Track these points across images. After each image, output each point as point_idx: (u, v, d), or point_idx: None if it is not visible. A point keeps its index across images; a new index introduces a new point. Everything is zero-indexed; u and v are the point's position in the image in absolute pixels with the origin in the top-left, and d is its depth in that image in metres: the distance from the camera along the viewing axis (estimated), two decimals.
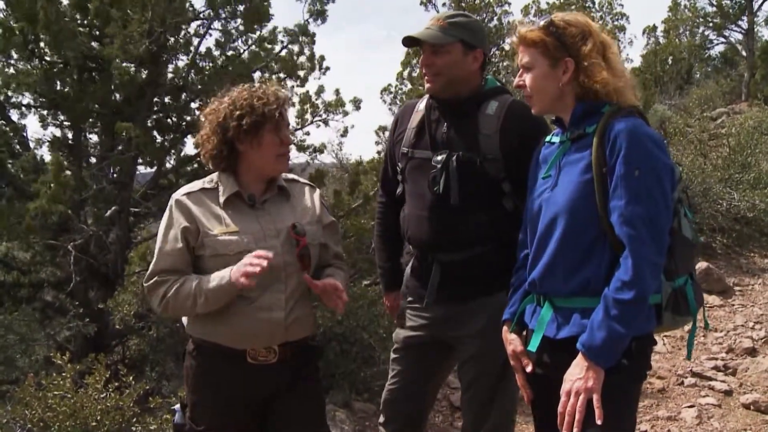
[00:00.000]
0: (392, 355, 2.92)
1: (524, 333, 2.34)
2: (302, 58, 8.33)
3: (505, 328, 2.37)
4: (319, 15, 8.34)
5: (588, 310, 2.04)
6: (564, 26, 2.14)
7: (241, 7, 7.61)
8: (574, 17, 2.18)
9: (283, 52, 8.30)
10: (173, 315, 2.41)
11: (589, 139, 2.10)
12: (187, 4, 7.48)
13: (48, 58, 7.28)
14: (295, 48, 8.31)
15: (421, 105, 2.78)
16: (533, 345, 2.19)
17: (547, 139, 2.34)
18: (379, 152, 10.21)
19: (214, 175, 2.51)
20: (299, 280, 2.45)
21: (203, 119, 2.49)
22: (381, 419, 2.92)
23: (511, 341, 2.33)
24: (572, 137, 2.18)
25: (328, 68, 8.62)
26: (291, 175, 2.67)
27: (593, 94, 2.13)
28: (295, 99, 8.26)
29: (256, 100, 2.39)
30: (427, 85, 2.68)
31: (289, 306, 2.41)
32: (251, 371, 2.41)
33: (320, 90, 8.58)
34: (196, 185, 2.49)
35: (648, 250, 1.95)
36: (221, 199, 2.43)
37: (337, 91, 8.76)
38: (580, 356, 2.00)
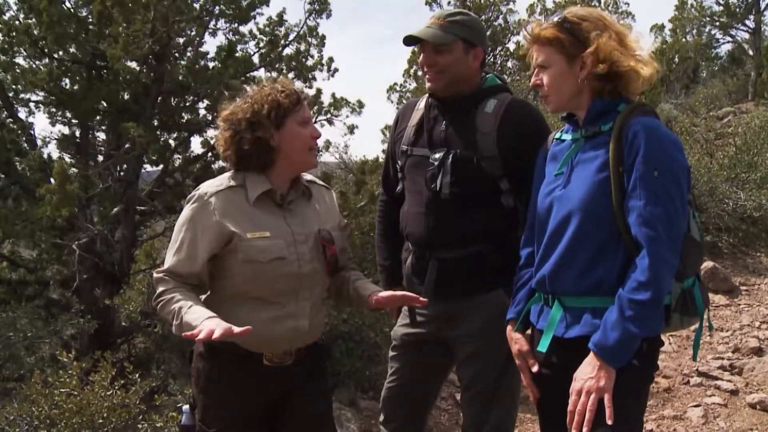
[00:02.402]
0: (391, 353, 2.92)
1: (528, 332, 2.33)
2: (310, 59, 8.36)
3: (509, 327, 2.36)
4: (321, 12, 8.32)
5: (599, 310, 2.02)
6: (578, 21, 2.11)
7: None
8: (587, 11, 2.15)
9: (289, 51, 8.33)
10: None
11: (604, 137, 2.08)
12: (190, 2, 7.51)
13: (55, 56, 7.31)
14: (302, 47, 8.33)
15: (421, 103, 2.79)
16: (543, 345, 2.16)
17: (557, 136, 2.32)
18: (383, 151, 10.22)
19: (232, 173, 2.40)
20: (322, 287, 2.46)
21: (222, 122, 2.39)
22: (381, 418, 2.92)
23: (517, 340, 2.32)
24: (587, 135, 2.15)
25: (336, 69, 8.65)
26: (309, 176, 2.60)
27: (612, 89, 2.10)
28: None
29: (278, 93, 2.33)
30: (428, 84, 2.68)
31: (313, 313, 2.39)
32: (267, 373, 2.37)
33: (319, 92, 8.59)
34: (222, 183, 2.36)
35: (666, 252, 1.94)
36: (252, 198, 2.32)
37: (333, 95, 8.77)
38: (591, 355, 1.98)
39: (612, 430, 1.92)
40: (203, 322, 2.10)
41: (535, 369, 2.24)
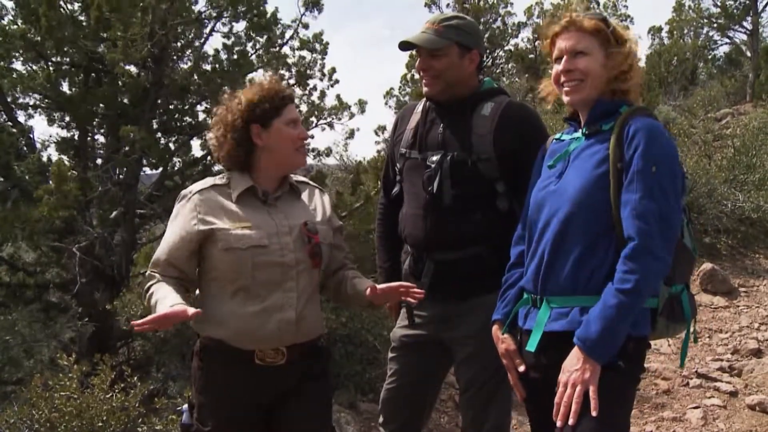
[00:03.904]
0: (390, 355, 2.93)
1: (517, 334, 2.33)
2: (314, 66, 8.40)
3: (495, 327, 2.37)
4: (314, 5, 8.33)
5: (587, 309, 2.03)
6: (614, 26, 2.19)
7: (243, 9, 7.66)
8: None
9: (286, 50, 8.36)
10: None
11: (605, 136, 2.12)
12: (188, 5, 7.52)
13: (53, 60, 7.31)
14: (297, 44, 8.37)
15: (420, 107, 2.81)
16: (531, 345, 2.17)
17: (557, 136, 2.36)
18: (378, 151, 10.25)
19: (225, 173, 2.51)
20: (310, 279, 2.46)
21: (213, 121, 2.51)
22: (380, 419, 2.93)
23: (503, 340, 2.33)
24: (586, 133, 2.19)
25: (337, 81, 8.70)
26: (301, 177, 2.68)
27: (620, 94, 2.17)
28: (303, 107, 8.32)
29: (264, 93, 2.43)
30: (425, 89, 2.71)
31: (300, 304, 2.40)
32: (259, 373, 2.40)
33: (323, 94, 8.64)
34: (207, 182, 2.49)
35: (655, 245, 1.95)
36: (234, 195, 2.42)
37: (338, 97, 8.82)
38: (576, 349, 2.00)
39: (596, 426, 1.93)
40: (159, 308, 2.19)
41: (521, 368, 2.25)
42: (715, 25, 22.29)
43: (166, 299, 2.24)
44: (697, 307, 2.27)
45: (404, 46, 2.66)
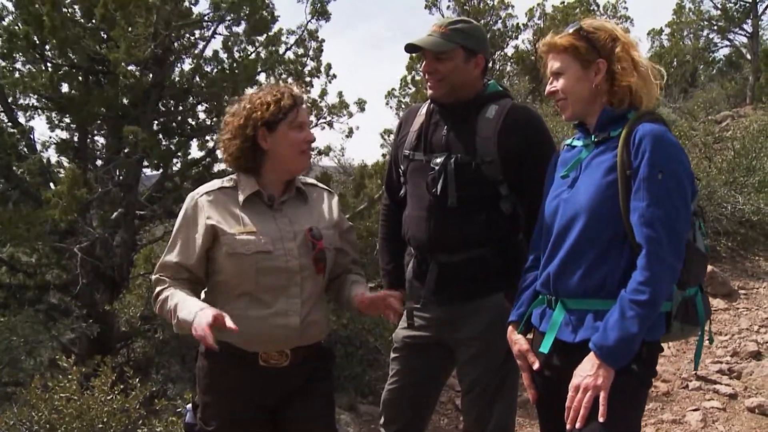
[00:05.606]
0: (392, 355, 2.93)
1: (530, 335, 2.35)
2: (309, 63, 8.39)
3: (510, 328, 2.39)
4: (322, 14, 8.36)
5: (601, 312, 2.05)
6: (593, 30, 2.19)
7: (245, 9, 7.65)
8: (601, 23, 2.22)
9: (289, 54, 8.35)
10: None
11: (613, 143, 2.13)
12: (192, 8, 7.54)
13: (55, 61, 7.32)
14: (300, 51, 8.36)
15: (424, 109, 2.82)
16: (545, 346, 2.19)
17: (568, 142, 2.37)
18: (383, 155, 10.24)
19: (233, 175, 2.50)
20: (315, 284, 2.46)
21: (224, 124, 2.50)
22: (381, 420, 2.93)
23: (516, 341, 2.35)
24: (596, 140, 2.20)
25: (335, 76, 8.69)
26: (310, 180, 2.67)
27: (622, 98, 2.16)
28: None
29: (272, 97, 2.41)
30: (429, 91, 2.72)
31: (304, 310, 2.40)
32: (263, 374, 2.40)
33: (323, 93, 8.64)
34: (215, 184, 2.48)
35: (665, 252, 1.97)
36: (240, 199, 2.41)
37: (340, 94, 8.83)
38: (591, 354, 2.01)
39: (607, 429, 1.95)
40: (195, 320, 2.17)
41: (536, 367, 2.26)
42: (715, 27, 22.32)
43: (186, 302, 2.26)
44: (711, 309, 2.29)
45: (410, 48, 2.67)
